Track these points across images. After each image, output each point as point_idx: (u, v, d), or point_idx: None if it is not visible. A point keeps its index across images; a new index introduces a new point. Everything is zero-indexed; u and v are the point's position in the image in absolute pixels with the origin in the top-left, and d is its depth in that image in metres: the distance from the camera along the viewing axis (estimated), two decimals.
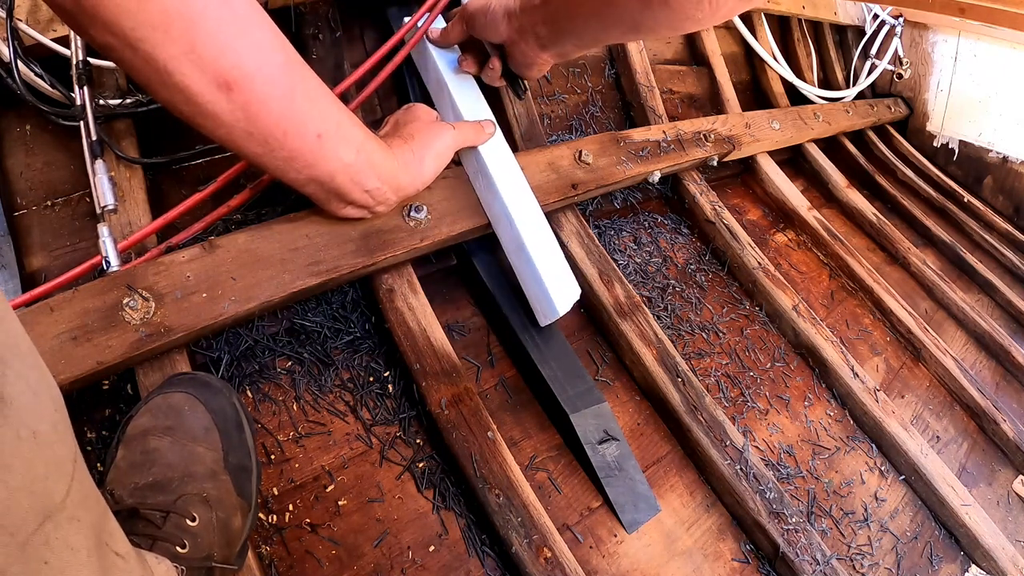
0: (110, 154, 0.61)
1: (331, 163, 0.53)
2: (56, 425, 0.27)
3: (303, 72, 0.50)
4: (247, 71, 0.45)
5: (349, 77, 0.68)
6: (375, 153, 0.57)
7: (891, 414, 0.91)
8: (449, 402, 0.63)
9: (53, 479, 0.26)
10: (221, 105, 0.45)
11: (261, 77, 0.46)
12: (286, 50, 0.48)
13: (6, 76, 0.56)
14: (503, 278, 0.75)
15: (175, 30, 0.41)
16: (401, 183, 0.61)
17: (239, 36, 0.44)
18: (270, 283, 0.57)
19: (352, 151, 0.54)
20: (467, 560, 0.59)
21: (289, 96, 0.48)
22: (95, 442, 0.54)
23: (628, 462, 0.69)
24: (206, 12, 0.42)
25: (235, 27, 0.44)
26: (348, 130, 0.54)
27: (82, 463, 0.29)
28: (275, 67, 0.47)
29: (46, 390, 0.27)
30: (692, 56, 1.31)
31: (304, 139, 0.50)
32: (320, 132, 0.51)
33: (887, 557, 0.79)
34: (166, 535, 0.42)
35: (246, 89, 0.45)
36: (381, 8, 0.82)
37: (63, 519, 0.27)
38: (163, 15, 0.40)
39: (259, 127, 0.48)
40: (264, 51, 0.46)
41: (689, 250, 1.03)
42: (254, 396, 0.61)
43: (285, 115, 0.48)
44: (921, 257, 1.32)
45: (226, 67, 0.44)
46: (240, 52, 0.44)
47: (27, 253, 0.60)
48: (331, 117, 0.52)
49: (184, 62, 0.42)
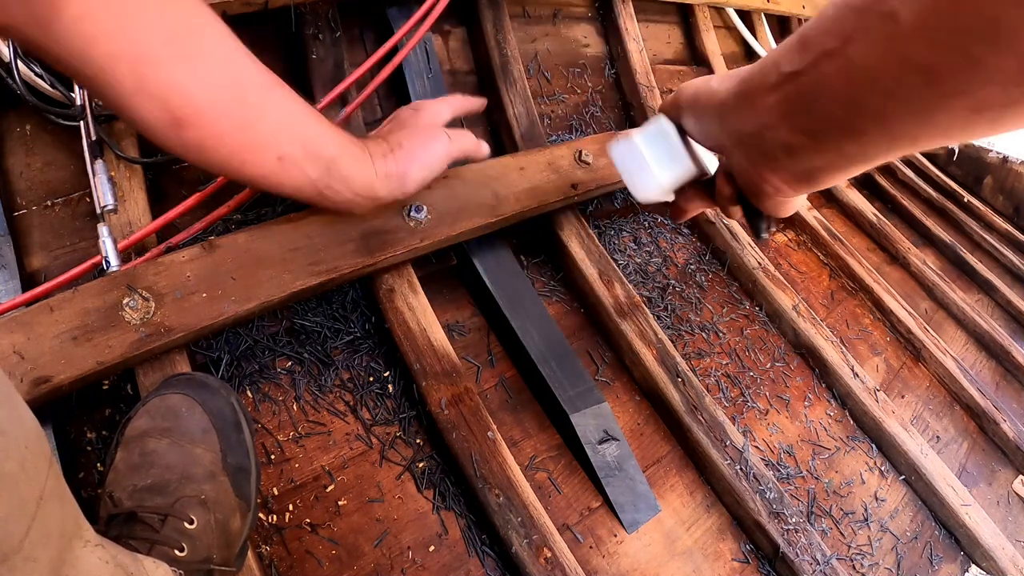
0: (110, 154, 0.61)
1: (296, 181, 0.53)
2: (24, 463, 0.27)
3: (265, 99, 0.49)
4: (197, 109, 0.45)
5: (349, 77, 0.68)
6: (350, 166, 0.55)
7: (891, 414, 0.91)
8: (449, 402, 0.63)
9: (13, 520, 0.26)
10: (174, 140, 0.46)
11: (213, 114, 0.46)
12: (242, 83, 0.47)
13: (6, 76, 0.56)
14: (503, 278, 0.75)
15: (121, 72, 0.42)
16: (378, 194, 0.59)
17: (188, 75, 0.44)
18: (270, 283, 0.57)
19: (320, 168, 0.53)
20: (467, 560, 0.59)
21: (246, 127, 0.48)
22: (95, 442, 0.54)
23: (628, 462, 0.69)
24: (152, 53, 0.42)
25: (183, 66, 0.44)
26: (317, 148, 0.52)
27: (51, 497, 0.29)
28: (228, 102, 0.46)
29: (17, 426, 0.27)
30: (692, 56, 1.31)
31: (263, 165, 0.50)
32: (281, 155, 0.50)
33: (887, 557, 0.79)
34: (164, 538, 0.42)
35: (197, 126, 0.45)
36: (381, 8, 0.82)
37: (18, 560, 0.26)
38: (108, 58, 0.41)
39: (215, 159, 0.48)
40: (216, 88, 0.46)
41: (689, 250, 1.03)
42: (254, 396, 0.61)
43: (242, 146, 0.48)
44: (921, 257, 1.32)
45: (175, 106, 0.44)
46: (190, 91, 0.44)
47: (27, 253, 0.60)
48: (296, 139, 0.51)
49: (134, 100, 0.43)
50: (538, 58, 1.01)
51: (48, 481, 0.29)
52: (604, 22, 1.12)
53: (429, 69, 0.82)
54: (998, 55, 0.23)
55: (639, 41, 1.11)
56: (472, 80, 0.92)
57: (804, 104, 0.35)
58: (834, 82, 0.32)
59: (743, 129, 0.40)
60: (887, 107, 0.30)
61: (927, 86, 0.27)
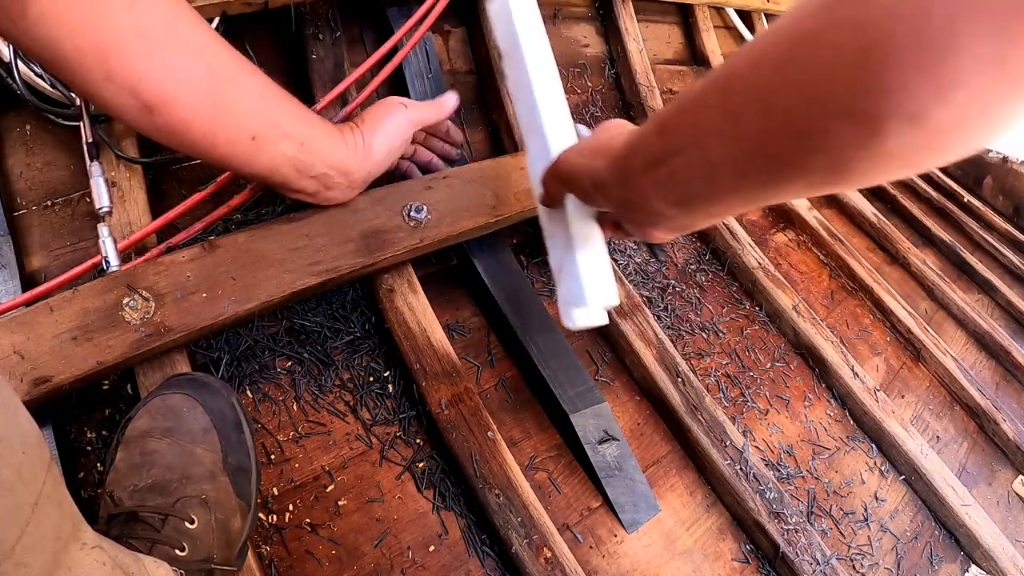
0: (109, 154, 0.61)
1: (270, 158, 0.54)
2: (21, 468, 0.27)
3: (236, 82, 0.50)
4: (166, 96, 0.46)
5: (349, 77, 0.68)
6: (321, 141, 0.57)
7: (891, 414, 0.91)
8: (449, 402, 0.63)
9: (7, 525, 0.26)
10: (146, 124, 0.47)
11: (183, 100, 0.47)
12: (214, 69, 0.49)
13: (6, 76, 0.56)
14: (503, 278, 0.75)
15: (89, 62, 0.43)
16: (349, 167, 0.60)
17: (157, 65, 0.45)
18: (270, 283, 0.57)
19: (294, 145, 0.54)
20: (467, 560, 0.59)
21: (216, 111, 0.49)
22: (95, 442, 0.54)
23: (628, 462, 0.69)
24: (121, 43, 0.43)
25: (152, 56, 0.45)
26: (290, 127, 0.54)
27: (47, 502, 0.29)
28: (198, 88, 0.48)
29: (15, 432, 0.27)
30: (692, 56, 1.31)
31: (237, 144, 0.52)
32: (255, 134, 0.52)
33: (887, 557, 0.79)
34: (165, 538, 0.42)
35: (167, 112, 0.47)
36: (381, 8, 0.82)
37: (9, 566, 0.27)
38: (76, 51, 0.42)
39: (187, 140, 0.49)
40: (185, 75, 0.47)
41: (689, 250, 1.03)
42: (254, 396, 0.61)
43: (212, 128, 0.50)
44: (921, 257, 1.32)
45: (144, 93, 0.45)
46: (158, 79, 0.46)
47: (27, 253, 0.60)
48: (268, 118, 0.53)
49: (102, 87, 0.44)
50: None
51: (45, 486, 0.29)
52: (604, 22, 1.12)
53: (429, 69, 0.82)
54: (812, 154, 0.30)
55: (639, 41, 1.11)
56: (472, 80, 0.92)
57: (670, 184, 0.40)
58: (693, 168, 0.37)
59: (623, 199, 0.45)
60: (740, 184, 0.36)
61: (770, 172, 0.33)
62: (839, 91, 0.28)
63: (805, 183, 0.33)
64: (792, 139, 0.31)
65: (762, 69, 0.32)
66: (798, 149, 0.31)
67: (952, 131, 0.27)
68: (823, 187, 0.33)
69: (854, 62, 0.27)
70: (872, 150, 0.29)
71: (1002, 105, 0.26)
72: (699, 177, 0.37)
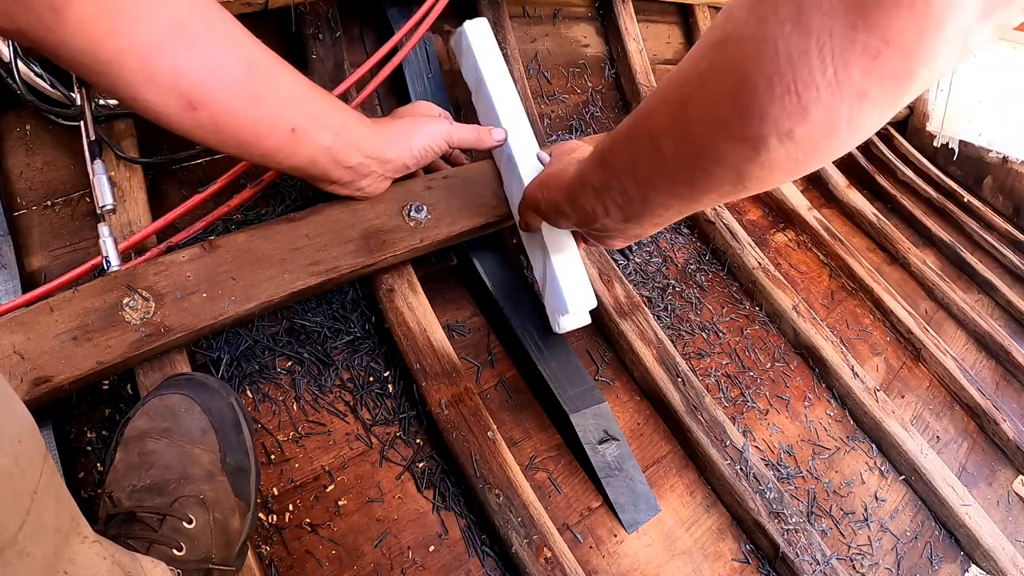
0: (110, 154, 0.61)
1: (310, 150, 0.55)
2: (18, 458, 0.27)
3: (272, 75, 0.51)
4: (209, 91, 0.46)
5: (349, 77, 0.68)
6: (357, 130, 0.58)
7: (891, 414, 0.91)
8: (449, 402, 0.63)
9: (7, 514, 0.26)
10: (189, 122, 0.47)
11: (224, 93, 0.47)
12: (252, 61, 0.49)
13: (6, 76, 0.56)
14: (503, 278, 0.75)
15: (130, 64, 0.43)
16: (387, 155, 0.61)
17: (197, 60, 0.45)
18: (270, 283, 0.57)
19: (331, 135, 0.55)
20: (467, 560, 0.59)
21: (256, 104, 0.50)
22: (95, 442, 0.54)
23: (628, 462, 0.69)
24: (161, 43, 0.43)
25: (192, 52, 0.45)
26: (326, 117, 0.55)
27: (46, 492, 0.29)
28: (238, 81, 0.48)
29: (11, 422, 0.27)
30: None
31: (278, 137, 0.52)
32: (294, 126, 0.52)
33: (887, 557, 0.79)
34: (163, 538, 0.42)
35: (210, 106, 0.47)
36: (381, 8, 0.82)
37: (12, 555, 0.27)
38: (116, 52, 0.42)
39: (230, 135, 0.50)
40: (225, 69, 0.47)
41: (689, 250, 1.02)
42: (254, 396, 0.61)
43: (254, 120, 0.50)
44: (921, 257, 1.32)
45: (187, 89, 0.45)
46: (200, 74, 0.46)
47: (27, 253, 0.60)
48: (305, 110, 0.53)
49: (144, 89, 0.44)
50: (538, 58, 1.01)
51: (43, 477, 0.29)
52: (604, 22, 1.12)
53: (429, 69, 0.82)
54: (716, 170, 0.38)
55: (639, 41, 1.11)
56: None
57: (614, 204, 0.48)
58: (630, 190, 0.46)
59: (579, 220, 0.54)
60: (669, 199, 0.44)
61: (688, 186, 0.41)
62: (728, 119, 0.35)
63: (718, 193, 0.41)
64: (699, 160, 0.38)
65: (669, 106, 0.40)
66: (705, 167, 0.39)
67: (820, 139, 0.34)
68: (732, 195, 0.40)
69: (735, 96, 0.34)
70: (761, 163, 0.36)
71: (852, 113, 0.32)
72: (637, 197, 0.46)
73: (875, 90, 0.31)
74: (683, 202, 0.44)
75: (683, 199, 0.43)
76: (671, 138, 0.40)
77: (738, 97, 0.34)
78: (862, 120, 0.33)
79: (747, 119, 0.34)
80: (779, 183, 0.40)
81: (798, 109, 0.32)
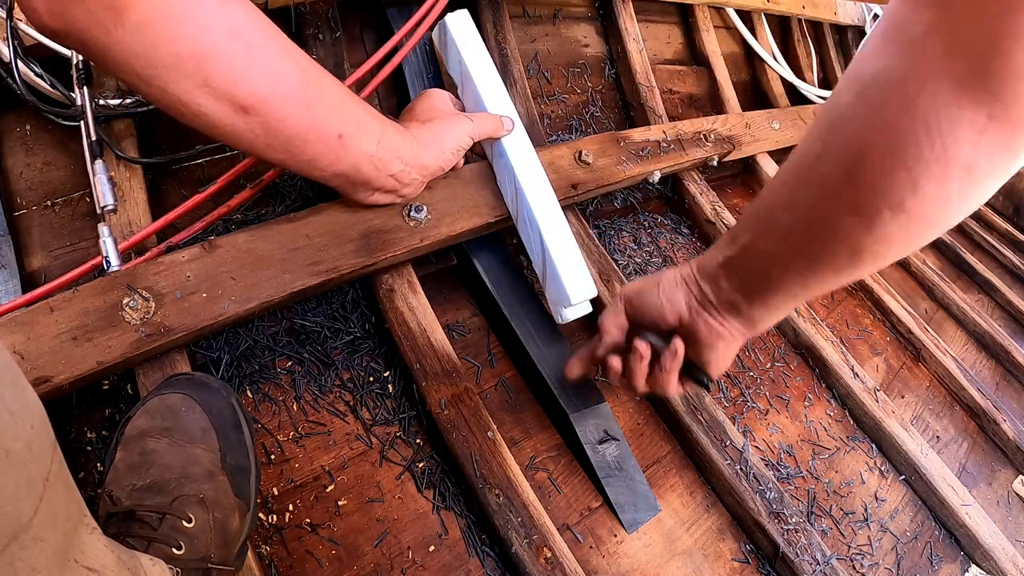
0: (110, 154, 0.61)
1: (354, 156, 0.55)
2: (31, 444, 0.27)
3: (321, 83, 0.52)
4: (262, 96, 0.47)
5: (349, 77, 0.68)
6: (395, 138, 0.58)
7: (891, 414, 0.91)
8: (449, 402, 0.63)
9: (22, 499, 0.26)
10: (239, 127, 0.47)
11: (277, 99, 0.48)
12: (302, 68, 0.50)
13: (6, 76, 0.56)
14: (503, 278, 0.75)
15: (187, 68, 0.43)
16: (424, 161, 0.62)
17: (252, 66, 0.46)
18: (270, 283, 0.57)
19: (373, 142, 0.56)
20: (467, 560, 0.59)
21: (307, 109, 0.50)
22: (95, 442, 0.54)
23: (628, 462, 0.69)
24: (218, 49, 0.43)
25: (248, 58, 0.45)
26: (368, 124, 0.55)
27: (56, 480, 0.29)
28: (291, 88, 0.49)
29: (23, 409, 0.27)
30: (692, 56, 1.31)
31: (326, 142, 0.53)
32: (341, 132, 0.53)
33: (887, 557, 0.79)
34: (162, 537, 0.42)
35: (263, 112, 0.47)
36: (381, 8, 0.82)
37: (28, 539, 0.27)
38: (174, 57, 0.42)
39: (280, 140, 0.50)
40: (279, 76, 0.48)
41: (689, 250, 1.02)
42: (254, 396, 0.61)
43: (305, 126, 0.50)
44: (921, 257, 1.32)
45: (241, 95, 0.46)
46: (254, 80, 0.46)
47: (27, 253, 0.60)
48: (351, 116, 0.54)
49: (198, 94, 0.44)
50: (538, 58, 1.01)
51: (53, 464, 0.29)
52: (604, 22, 1.12)
53: (429, 69, 0.82)
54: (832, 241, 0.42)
55: (639, 41, 1.11)
56: None
57: (740, 274, 0.51)
58: (753, 261, 0.50)
59: (705, 294, 0.55)
60: (785, 275, 0.48)
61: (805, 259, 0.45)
62: (843, 192, 0.38)
63: (833, 268, 0.43)
64: (816, 231, 0.42)
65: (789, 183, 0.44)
66: (821, 238, 0.42)
67: (931, 212, 0.36)
68: (848, 270, 0.43)
69: (850, 172, 0.38)
70: (875, 234, 0.39)
71: (963, 187, 0.35)
72: (758, 265, 0.49)
73: (983, 162, 0.33)
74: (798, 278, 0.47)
75: (798, 274, 0.47)
76: (790, 213, 0.44)
77: (855, 173, 0.37)
78: (972, 191, 0.35)
79: (863, 192, 0.37)
80: (892, 258, 0.42)
81: (910, 184, 0.35)
